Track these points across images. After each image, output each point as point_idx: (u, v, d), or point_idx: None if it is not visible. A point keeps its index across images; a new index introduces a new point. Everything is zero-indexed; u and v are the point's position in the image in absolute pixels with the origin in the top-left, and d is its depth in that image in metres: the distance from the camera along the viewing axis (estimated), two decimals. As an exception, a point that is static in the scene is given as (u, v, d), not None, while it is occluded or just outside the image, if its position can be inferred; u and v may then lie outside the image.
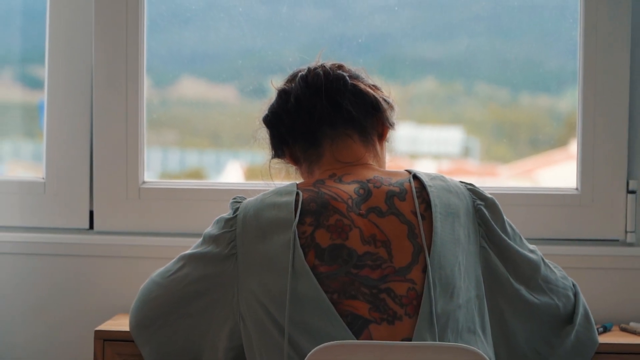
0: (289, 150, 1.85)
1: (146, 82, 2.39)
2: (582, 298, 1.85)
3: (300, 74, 1.84)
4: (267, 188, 1.78)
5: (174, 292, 1.76)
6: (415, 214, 1.70)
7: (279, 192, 1.74)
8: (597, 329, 2.03)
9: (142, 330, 1.80)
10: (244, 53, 2.45)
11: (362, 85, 1.84)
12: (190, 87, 2.50)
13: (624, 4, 2.27)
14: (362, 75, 1.87)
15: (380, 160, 1.86)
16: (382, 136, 1.87)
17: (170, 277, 1.77)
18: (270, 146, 1.88)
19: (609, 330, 2.15)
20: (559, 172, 2.46)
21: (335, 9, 2.44)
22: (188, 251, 1.77)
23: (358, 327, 1.63)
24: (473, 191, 1.78)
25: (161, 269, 1.79)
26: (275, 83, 1.89)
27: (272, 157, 1.89)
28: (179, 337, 1.77)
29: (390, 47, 2.44)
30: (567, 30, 2.38)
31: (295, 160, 1.86)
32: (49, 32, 2.38)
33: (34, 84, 2.49)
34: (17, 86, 2.52)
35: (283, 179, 1.91)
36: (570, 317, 1.82)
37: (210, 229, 1.76)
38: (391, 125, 1.87)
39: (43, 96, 2.40)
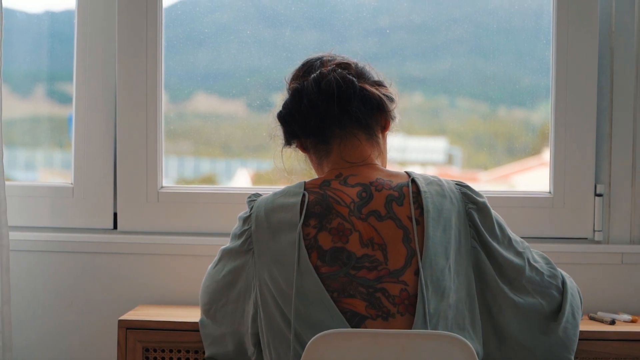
0: (300, 142, 1.83)
1: (164, 98, 2.39)
2: (570, 294, 1.81)
3: (313, 75, 1.79)
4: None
5: (217, 282, 1.77)
6: (410, 219, 1.68)
7: (288, 192, 1.73)
8: None
9: (204, 315, 1.83)
10: (251, 71, 2.43)
11: (368, 88, 1.79)
12: (203, 102, 2.49)
13: (591, 27, 2.27)
14: (367, 69, 1.84)
15: (383, 154, 1.85)
16: (385, 128, 1.84)
17: (214, 268, 1.79)
18: (283, 137, 1.84)
19: (579, 319, 2.16)
20: (533, 177, 2.46)
21: (333, 32, 2.41)
22: (225, 245, 1.79)
23: (356, 323, 1.64)
24: (466, 195, 1.75)
25: (213, 261, 1.81)
26: (287, 76, 1.86)
27: (284, 145, 1.86)
28: (226, 321, 1.78)
29: (382, 66, 2.34)
30: (541, 51, 2.37)
31: (304, 149, 1.84)
32: (76, 53, 2.37)
33: (63, 99, 2.48)
34: (47, 101, 2.51)
35: (293, 162, 1.89)
36: (555, 314, 1.79)
37: (235, 225, 1.77)
38: (393, 119, 1.84)
39: (71, 110, 2.39)
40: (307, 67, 1.83)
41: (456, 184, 1.77)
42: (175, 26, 2.43)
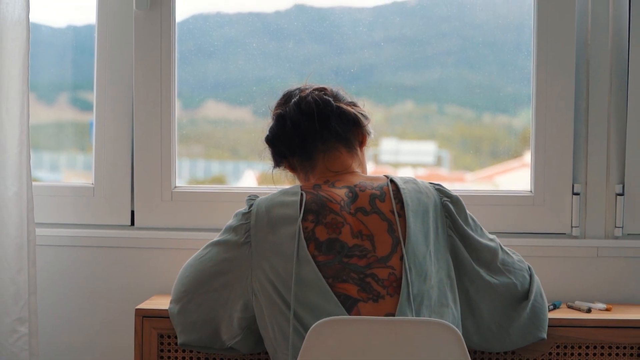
0: (288, 162, 1.87)
1: (177, 105, 2.39)
2: (537, 278, 1.86)
3: (293, 100, 1.84)
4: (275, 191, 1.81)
5: (202, 271, 1.78)
6: (393, 212, 1.72)
7: (287, 192, 1.77)
8: (548, 307, 2.02)
9: (177, 303, 1.83)
10: (257, 81, 2.44)
11: (344, 106, 1.84)
12: (213, 109, 2.50)
13: (568, 40, 2.27)
14: (341, 93, 1.88)
15: (362, 165, 1.88)
16: (362, 143, 1.88)
17: (200, 259, 1.80)
18: (272, 159, 1.89)
19: (558, 308, 2.15)
20: (515, 177, 2.46)
21: (332, 45, 2.42)
22: (214, 239, 1.80)
23: (349, 305, 1.66)
24: (440, 190, 1.80)
25: (195, 254, 1.82)
26: (271, 104, 1.90)
27: (274, 167, 1.90)
28: (204, 308, 1.79)
29: (377, 76, 2.43)
30: (522, 62, 2.37)
31: (292, 169, 1.88)
32: (96, 64, 2.37)
33: (85, 106, 2.49)
34: (70, 109, 2.52)
35: (284, 183, 1.92)
36: (526, 294, 1.83)
37: (230, 221, 1.79)
38: (369, 134, 1.88)
39: (92, 117, 2.39)
40: (288, 96, 1.87)
41: (430, 183, 1.81)
42: (188, 39, 2.43)
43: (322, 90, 1.87)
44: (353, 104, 1.88)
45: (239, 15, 2.47)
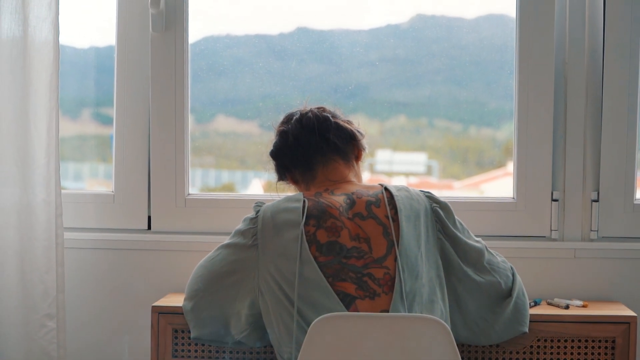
0: (290, 174, 1.89)
1: (190, 119, 2.40)
2: (519, 277, 1.87)
3: (294, 117, 1.87)
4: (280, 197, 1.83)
5: (213, 271, 1.80)
6: (387, 217, 1.74)
7: (290, 199, 1.78)
8: (529, 303, 2.04)
9: (189, 301, 1.85)
10: (263, 97, 2.44)
11: (341, 123, 1.87)
12: (223, 123, 2.51)
13: (548, 59, 2.27)
14: (338, 113, 1.91)
15: (358, 176, 1.90)
16: (358, 158, 1.90)
17: (211, 260, 1.82)
18: (276, 172, 1.91)
19: (539, 304, 2.15)
20: (499, 185, 2.46)
21: (332, 65, 2.44)
22: (224, 242, 1.81)
23: (348, 302, 1.69)
24: (430, 197, 1.81)
25: (206, 256, 1.84)
26: (275, 123, 1.92)
27: (278, 180, 1.92)
28: (214, 305, 1.81)
29: (372, 92, 2.44)
30: (505, 80, 2.37)
31: (295, 182, 1.90)
32: (116, 82, 2.38)
33: (106, 121, 2.50)
34: (93, 123, 2.53)
35: (287, 191, 1.94)
36: (509, 291, 1.84)
37: (239, 225, 1.80)
38: (364, 149, 1.91)
39: (112, 130, 2.40)
40: (289, 116, 1.90)
41: (421, 190, 1.83)
42: (200, 59, 2.44)
43: (321, 108, 1.90)
44: (349, 122, 1.91)
45: (247, 37, 2.48)
